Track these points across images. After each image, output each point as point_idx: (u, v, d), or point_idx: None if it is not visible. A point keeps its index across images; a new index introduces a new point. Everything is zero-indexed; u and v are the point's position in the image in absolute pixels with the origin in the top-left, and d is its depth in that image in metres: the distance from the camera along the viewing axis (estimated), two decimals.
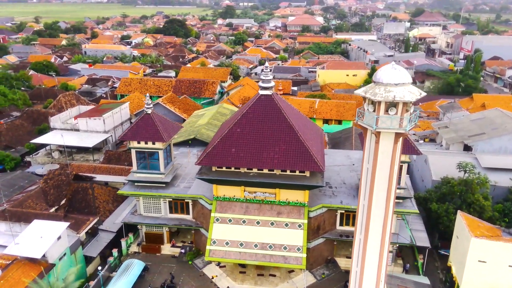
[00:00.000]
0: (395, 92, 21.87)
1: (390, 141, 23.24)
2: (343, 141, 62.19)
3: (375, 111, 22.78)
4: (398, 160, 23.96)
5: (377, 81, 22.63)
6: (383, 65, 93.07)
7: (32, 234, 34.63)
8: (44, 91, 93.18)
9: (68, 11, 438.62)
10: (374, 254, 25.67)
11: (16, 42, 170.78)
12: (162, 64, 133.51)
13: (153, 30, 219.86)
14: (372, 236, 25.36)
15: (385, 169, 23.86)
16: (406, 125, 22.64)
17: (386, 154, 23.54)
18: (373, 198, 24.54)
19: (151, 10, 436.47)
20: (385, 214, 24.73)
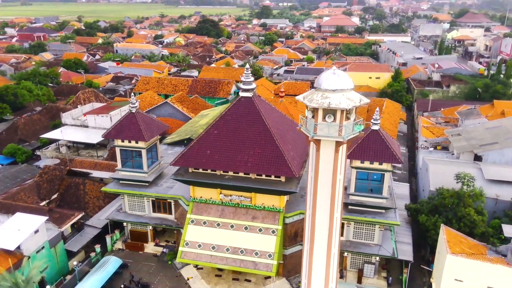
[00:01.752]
0: (331, 98, 20.79)
1: (331, 150, 22.14)
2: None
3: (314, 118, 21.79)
4: (342, 169, 22.79)
5: (317, 86, 21.65)
6: (411, 68, 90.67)
7: (12, 226, 35.92)
8: (68, 87, 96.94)
9: (112, 11, 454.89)
10: (320, 266, 24.56)
11: (55, 40, 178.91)
12: (188, 63, 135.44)
13: (186, 29, 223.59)
14: (318, 246, 24.28)
15: (327, 178, 22.76)
16: (346, 134, 21.46)
17: (327, 163, 22.45)
18: (317, 208, 23.48)
19: (190, 10, 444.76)
20: (330, 224, 23.60)
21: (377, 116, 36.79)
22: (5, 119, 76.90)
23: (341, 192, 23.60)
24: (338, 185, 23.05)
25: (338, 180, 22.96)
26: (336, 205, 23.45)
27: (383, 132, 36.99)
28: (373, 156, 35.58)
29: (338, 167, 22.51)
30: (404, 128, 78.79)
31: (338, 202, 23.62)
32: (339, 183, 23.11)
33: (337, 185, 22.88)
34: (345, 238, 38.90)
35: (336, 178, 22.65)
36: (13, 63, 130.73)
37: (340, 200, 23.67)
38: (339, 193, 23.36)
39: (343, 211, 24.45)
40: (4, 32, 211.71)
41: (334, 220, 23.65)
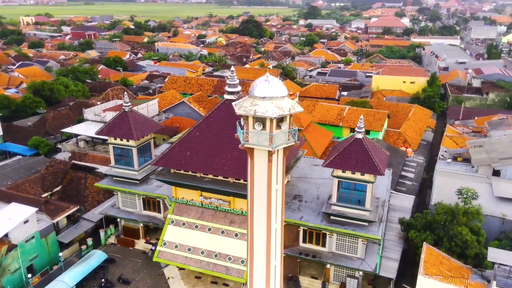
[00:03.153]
0: (259, 106, 20.05)
1: (265, 159, 21.36)
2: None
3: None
4: (278, 179, 21.93)
5: (249, 93, 20.96)
6: (450, 73, 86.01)
7: (4, 215, 38.08)
8: (102, 84, 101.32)
9: (166, 11, 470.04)
10: (261, 278, 23.79)
11: (104, 38, 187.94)
12: (223, 63, 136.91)
13: (230, 30, 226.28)
14: (257, 258, 23.53)
15: (262, 188, 21.98)
16: (276, 143, 20.60)
17: (262, 172, 21.70)
18: (254, 219, 22.76)
19: (240, 10, 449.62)
20: (268, 236, 22.78)
21: (361, 124, 35.05)
22: (38, 113, 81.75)
23: (280, 202, 22.71)
24: (275, 195, 22.21)
25: (275, 190, 22.12)
26: (274, 216, 22.60)
27: (367, 141, 35.20)
28: (353, 165, 33.98)
29: (273, 177, 21.67)
30: (430, 136, 74.62)
31: (277, 213, 22.75)
32: (276, 193, 22.25)
33: (273, 195, 22.04)
34: (327, 249, 37.55)
35: (271, 188, 21.83)
36: (61, 59, 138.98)
37: (279, 210, 22.79)
38: (277, 204, 22.50)
39: (283, 222, 23.51)
40: (60, 30, 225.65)
41: (272, 232, 22.80)
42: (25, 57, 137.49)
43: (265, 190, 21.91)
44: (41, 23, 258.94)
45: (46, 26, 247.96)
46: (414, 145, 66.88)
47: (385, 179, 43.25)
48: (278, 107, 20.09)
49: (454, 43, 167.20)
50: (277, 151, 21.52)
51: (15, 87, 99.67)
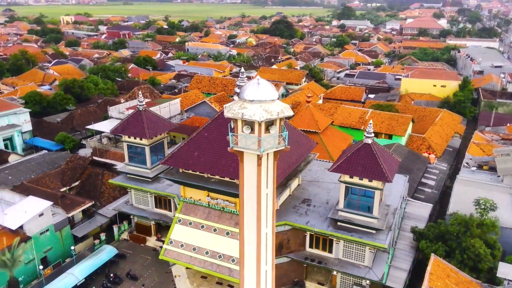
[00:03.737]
0: (247, 109, 19.82)
1: (253, 162, 21.12)
2: None
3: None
4: (268, 183, 21.63)
5: (239, 95, 20.78)
6: (485, 77, 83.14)
7: (21, 207, 39.66)
8: (131, 83, 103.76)
9: (201, 11, 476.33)
10: (251, 282, 23.55)
11: (137, 38, 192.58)
12: (250, 64, 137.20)
13: (261, 30, 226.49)
14: (248, 262, 23.30)
15: (252, 192, 21.75)
16: (264, 147, 20.32)
17: (251, 175, 21.46)
18: (244, 222, 22.55)
19: (273, 10, 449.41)
20: (258, 240, 22.49)
21: (370, 129, 34.10)
22: (68, 109, 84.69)
23: (271, 207, 22.37)
24: (265, 199, 21.91)
25: (265, 195, 21.82)
26: (265, 221, 22.29)
27: (377, 146, 34.20)
28: (361, 171, 33.14)
29: (262, 181, 21.40)
30: (457, 143, 71.85)
31: (268, 218, 22.43)
32: (267, 197, 21.95)
33: (263, 200, 21.76)
34: (334, 256, 36.83)
35: (261, 192, 21.55)
36: (94, 58, 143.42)
37: (270, 215, 22.46)
38: (267, 208, 22.19)
39: (274, 227, 23.15)
40: (97, 29, 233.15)
41: (263, 236, 22.52)
42: (61, 55, 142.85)
43: (255, 194, 21.66)
44: (80, 22, 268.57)
45: (84, 25, 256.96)
46: (438, 152, 64.61)
47: (400, 185, 41.99)
48: (266, 111, 19.79)
49: (492, 45, 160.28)
50: (267, 155, 21.24)
51: (48, 84, 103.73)
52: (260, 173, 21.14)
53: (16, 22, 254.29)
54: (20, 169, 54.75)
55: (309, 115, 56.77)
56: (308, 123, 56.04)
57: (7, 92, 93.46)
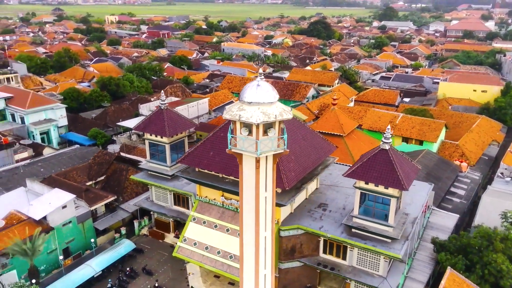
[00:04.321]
0: (245, 111, 19.66)
1: (252, 165, 20.92)
2: None
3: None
4: (268, 186, 21.36)
5: (239, 97, 20.66)
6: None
7: (46, 199, 41.41)
8: (165, 81, 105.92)
9: (241, 11, 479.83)
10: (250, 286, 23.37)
11: (176, 37, 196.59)
12: (285, 64, 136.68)
13: (298, 31, 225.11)
14: (246, 265, 23.15)
15: (251, 195, 21.56)
16: (261, 150, 20.08)
17: (250, 178, 21.28)
18: (243, 225, 22.40)
19: (314, 11, 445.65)
20: (256, 243, 22.29)
21: (388, 134, 32.96)
22: (103, 106, 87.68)
23: (270, 210, 22.09)
24: (264, 202, 21.65)
25: (264, 198, 21.57)
26: (264, 224, 22.05)
27: (394, 152, 33.01)
28: (375, 177, 32.11)
29: (260, 183, 21.16)
30: (494, 151, 68.26)
31: (267, 221, 22.17)
32: (265, 201, 21.68)
33: (261, 203, 21.51)
34: (347, 263, 35.92)
35: (259, 194, 21.32)
36: (133, 57, 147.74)
37: (269, 218, 22.19)
38: (266, 211, 21.93)
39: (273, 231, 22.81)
40: (139, 29, 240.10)
41: (261, 239, 22.27)
42: (102, 53, 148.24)
43: (253, 197, 21.46)
44: (123, 22, 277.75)
45: (127, 24, 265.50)
46: (472, 160, 61.64)
47: (422, 194, 40.43)
48: (264, 113, 19.56)
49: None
50: (266, 158, 20.98)
51: (88, 81, 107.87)
52: (258, 176, 20.92)
53: (64, 21, 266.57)
54: (52, 162, 57.26)
55: (334, 118, 55.74)
56: (332, 126, 55.03)
57: (48, 87, 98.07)
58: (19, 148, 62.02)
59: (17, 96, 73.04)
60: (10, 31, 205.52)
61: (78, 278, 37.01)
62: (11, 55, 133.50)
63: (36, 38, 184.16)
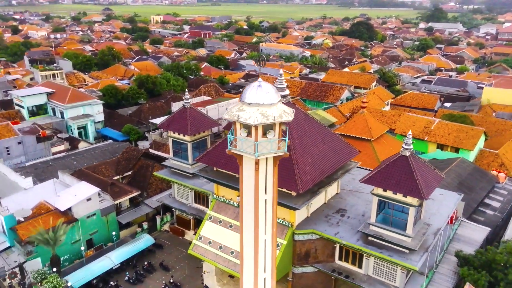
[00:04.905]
0: (244, 112, 19.42)
1: (251, 167, 20.63)
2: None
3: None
4: (268, 188, 21.01)
5: (241, 98, 20.45)
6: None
7: (72, 191, 43.05)
8: (200, 81, 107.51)
9: (284, 12, 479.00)
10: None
11: (216, 37, 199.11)
12: (322, 66, 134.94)
13: (339, 32, 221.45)
14: (246, 268, 22.88)
15: (250, 197, 21.28)
16: (259, 151, 19.73)
17: (250, 180, 21.01)
18: (243, 227, 22.14)
19: (358, 11, 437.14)
20: (255, 246, 21.97)
21: (409, 140, 31.52)
22: (139, 103, 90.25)
23: (271, 213, 21.69)
24: (264, 205, 21.29)
25: (263, 201, 21.21)
26: (263, 226, 21.69)
27: (415, 160, 31.52)
28: (393, 185, 30.82)
29: (260, 186, 20.82)
30: None
31: (267, 224, 21.79)
32: (266, 203, 21.32)
33: (261, 205, 21.17)
34: (363, 271, 34.76)
35: (259, 197, 20.98)
36: (174, 56, 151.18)
37: (269, 222, 21.79)
38: (266, 214, 21.56)
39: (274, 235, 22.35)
40: (182, 29, 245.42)
41: (260, 243, 21.92)
42: (144, 52, 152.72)
43: (252, 199, 21.16)
44: (168, 22, 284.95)
45: (171, 24, 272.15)
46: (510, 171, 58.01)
47: (449, 204, 38.47)
48: (262, 115, 19.21)
49: None
50: (266, 160, 20.63)
51: (128, 78, 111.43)
52: (258, 178, 20.60)
53: (111, 21, 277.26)
54: (85, 155, 59.54)
55: (362, 121, 54.22)
56: (360, 130, 53.56)
57: (90, 84, 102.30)
58: (57, 141, 64.99)
59: (58, 91, 76.59)
60: (61, 30, 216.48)
61: (97, 269, 38.21)
62: (59, 53, 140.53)
63: (84, 37, 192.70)
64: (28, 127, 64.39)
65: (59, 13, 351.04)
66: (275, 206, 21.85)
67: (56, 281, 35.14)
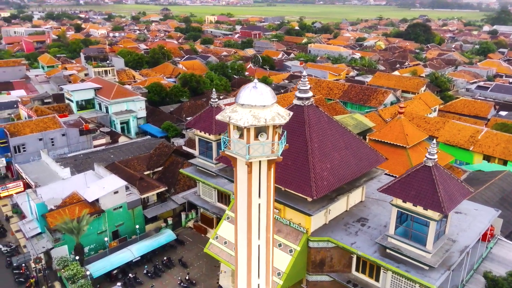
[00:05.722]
0: (236, 113, 18.96)
1: (244, 169, 20.11)
2: (475, 184, 49.02)
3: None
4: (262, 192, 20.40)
5: (235, 99, 19.99)
6: None
7: (102, 183, 44.72)
8: (244, 80, 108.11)
9: (339, 12, 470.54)
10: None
11: (266, 38, 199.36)
12: (371, 68, 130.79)
13: (394, 33, 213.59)
14: (240, 273, 22.41)
15: (243, 200, 20.79)
16: (252, 154, 19.18)
17: (243, 183, 20.50)
18: (237, 230, 21.70)
19: (418, 13, 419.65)
20: (248, 251, 21.45)
21: (433, 150, 29.40)
22: (181, 101, 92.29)
23: (265, 218, 21.02)
24: (257, 209, 20.68)
25: (257, 204, 20.62)
26: (256, 231, 21.08)
27: (439, 171, 29.37)
28: (413, 196, 28.96)
29: (253, 189, 20.25)
30: None
31: (261, 229, 21.16)
32: (259, 207, 20.71)
33: (254, 209, 20.58)
34: (380, 285, 33.07)
35: (252, 200, 20.42)
36: (222, 55, 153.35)
37: (263, 227, 21.14)
38: (260, 219, 20.94)
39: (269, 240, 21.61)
40: (234, 29, 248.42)
41: (254, 248, 21.34)
42: (194, 51, 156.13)
43: (245, 202, 20.65)
44: (221, 22, 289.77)
45: (224, 24, 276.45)
46: None
47: (484, 220, 35.71)
48: (254, 117, 18.64)
49: None
50: (259, 164, 20.02)
51: (174, 77, 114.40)
52: (250, 181, 20.06)
53: (168, 20, 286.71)
54: (122, 149, 61.77)
55: (398, 128, 51.67)
56: (396, 136, 51.07)
57: (139, 81, 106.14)
58: (98, 134, 68.02)
59: (105, 87, 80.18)
60: (120, 28, 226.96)
61: (117, 261, 39.36)
62: (115, 50, 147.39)
63: (140, 36, 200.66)
64: (73, 120, 67.92)
65: (121, 13, 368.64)
66: (269, 211, 21.19)
67: (77, 269, 36.61)
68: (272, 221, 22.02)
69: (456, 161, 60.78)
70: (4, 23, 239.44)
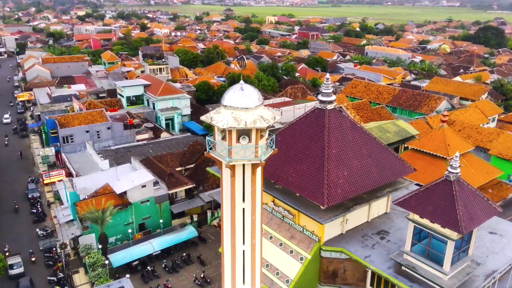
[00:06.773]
0: (219, 114, 18.55)
1: (228, 173, 19.63)
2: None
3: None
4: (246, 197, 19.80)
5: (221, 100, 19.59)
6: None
7: (132, 177, 46.29)
8: (292, 82, 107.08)
9: (407, 14, 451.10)
10: None
11: (324, 39, 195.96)
12: (432, 72, 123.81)
13: (462, 36, 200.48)
14: (226, 279, 21.96)
15: (227, 203, 20.33)
16: (232, 157, 18.66)
17: (227, 186, 20.04)
18: (223, 234, 21.25)
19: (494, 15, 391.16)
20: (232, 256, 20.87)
21: (456, 163, 26.93)
22: None
23: (250, 223, 20.36)
24: (241, 214, 20.08)
25: (241, 209, 20.03)
26: (241, 236, 20.49)
27: (461, 186, 26.85)
28: (429, 212, 26.77)
29: (236, 193, 19.69)
30: None
31: (245, 234, 20.52)
32: (243, 212, 20.10)
33: (238, 214, 20.01)
34: None
35: (235, 204, 19.88)
36: (276, 56, 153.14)
37: (248, 232, 20.49)
38: (244, 224, 20.32)
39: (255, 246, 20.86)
40: (293, 30, 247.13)
41: (238, 253, 20.77)
42: (248, 51, 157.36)
43: (229, 206, 20.18)
44: (281, 23, 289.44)
45: (284, 25, 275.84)
46: None
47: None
48: (234, 119, 18.09)
49: None
50: (243, 167, 19.43)
51: (225, 76, 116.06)
52: (234, 184, 19.55)
53: (229, 21, 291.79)
54: (161, 145, 63.69)
55: (440, 137, 48.16)
56: (436, 147, 47.67)
57: (191, 79, 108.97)
58: (142, 129, 70.63)
59: (153, 84, 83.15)
60: (182, 28, 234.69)
61: (137, 253, 40.52)
62: (173, 49, 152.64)
63: (200, 35, 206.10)
64: (119, 115, 71.11)
65: (186, 13, 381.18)
66: (255, 216, 20.51)
67: (97, 257, 38.14)
68: (260, 227, 21.34)
69: (509, 177, 55.65)
70: (78, 21, 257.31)
